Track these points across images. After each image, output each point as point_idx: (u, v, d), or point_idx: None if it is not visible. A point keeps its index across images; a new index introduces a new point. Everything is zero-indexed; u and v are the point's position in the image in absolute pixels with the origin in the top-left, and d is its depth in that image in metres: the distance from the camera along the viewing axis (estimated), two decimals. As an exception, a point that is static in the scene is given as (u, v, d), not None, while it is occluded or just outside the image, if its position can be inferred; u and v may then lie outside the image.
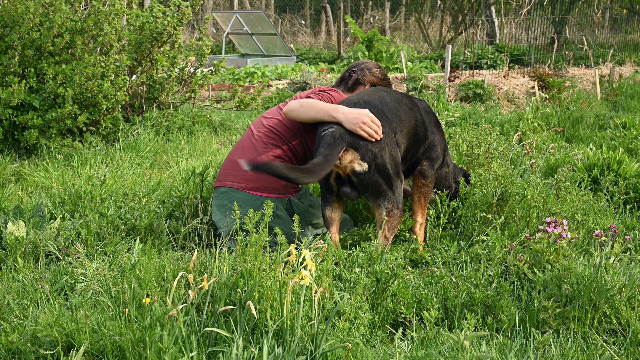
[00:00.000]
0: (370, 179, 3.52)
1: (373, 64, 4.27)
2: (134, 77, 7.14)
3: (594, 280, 2.90)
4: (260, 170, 3.26)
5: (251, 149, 3.85)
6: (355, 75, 4.18)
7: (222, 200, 3.85)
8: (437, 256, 3.66)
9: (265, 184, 3.76)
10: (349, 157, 3.48)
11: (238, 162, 3.81)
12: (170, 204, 4.20)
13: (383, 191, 3.57)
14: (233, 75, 12.81)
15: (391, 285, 3.02)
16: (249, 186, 3.77)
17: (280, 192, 3.81)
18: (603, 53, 15.42)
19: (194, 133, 7.06)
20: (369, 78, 4.18)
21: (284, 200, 3.82)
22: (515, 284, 3.22)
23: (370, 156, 3.49)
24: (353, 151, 3.48)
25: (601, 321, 2.94)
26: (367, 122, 3.45)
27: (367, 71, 4.20)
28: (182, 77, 7.62)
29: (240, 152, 3.89)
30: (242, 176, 3.79)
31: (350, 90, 4.17)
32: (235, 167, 3.84)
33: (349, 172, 3.50)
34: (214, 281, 2.75)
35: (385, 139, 3.56)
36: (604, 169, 5.05)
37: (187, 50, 7.66)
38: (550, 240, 3.23)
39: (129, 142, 6.27)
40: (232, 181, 3.83)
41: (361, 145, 3.48)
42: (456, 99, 9.56)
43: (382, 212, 3.58)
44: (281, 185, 3.80)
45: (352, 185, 3.55)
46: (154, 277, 3.01)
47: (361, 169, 3.50)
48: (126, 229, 3.91)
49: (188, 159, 6.02)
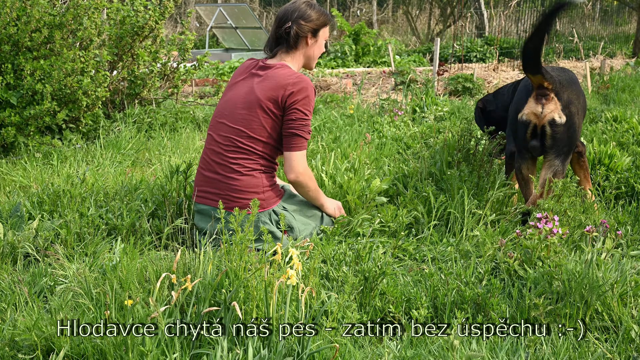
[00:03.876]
0: (562, 134, 3.90)
1: (304, 5, 3.96)
2: (115, 72, 7.11)
3: (585, 277, 2.91)
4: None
5: (221, 165, 3.79)
6: (293, 32, 3.90)
7: (204, 217, 3.84)
8: (426, 253, 3.66)
9: (247, 202, 3.71)
10: (551, 106, 3.81)
11: (212, 179, 3.80)
12: (153, 202, 4.18)
13: (563, 153, 3.96)
14: (217, 70, 12.77)
15: (380, 283, 3.01)
16: (230, 206, 3.67)
17: (264, 205, 3.77)
18: (594, 45, 15.48)
19: (177, 130, 7.03)
20: (309, 27, 3.92)
21: (268, 212, 3.79)
22: (505, 281, 3.23)
23: (568, 112, 3.90)
24: (557, 100, 3.83)
25: (593, 318, 2.95)
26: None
27: (302, 21, 3.91)
28: (165, 72, 7.59)
29: (210, 166, 3.83)
30: (220, 195, 3.74)
31: (294, 49, 3.95)
32: (211, 184, 3.80)
33: (546, 122, 3.87)
34: (198, 282, 2.74)
35: (579, 108, 3.94)
36: (595, 163, 5.07)
37: (169, 44, 7.63)
38: (541, 237, 3.24)
39: (110, 140, 6.24)
40: (210, 199, 3.79)
41: (563, 97, 3.89)
42: (445, 93, 9.57)
43: (550, 172, 3.97)
44: (262, 199, 3.77)
45: (541, 140, 3.93)
46: (136, 278, 3.00)
47: (560, 120, 3.87)
48: (107, 228, 3.89)
49: (171, 156, 6.00)
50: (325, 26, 4.02)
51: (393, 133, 6.62)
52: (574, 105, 3.95)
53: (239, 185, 3.73)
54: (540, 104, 3.89)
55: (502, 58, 13.56)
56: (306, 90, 3.81)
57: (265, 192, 3.77)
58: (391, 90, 10.08)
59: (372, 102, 8.57)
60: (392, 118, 7.22)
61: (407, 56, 15.24)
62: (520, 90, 4.16)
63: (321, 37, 4.02)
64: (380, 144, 6.14)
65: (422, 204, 4.22)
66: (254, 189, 3.74)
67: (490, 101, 5.00)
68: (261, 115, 3.78)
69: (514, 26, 15.63)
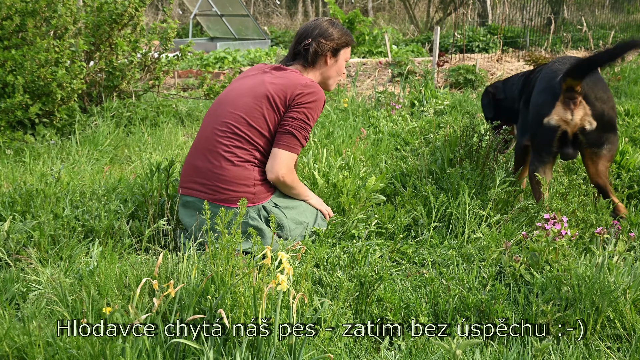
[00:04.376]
0: (598, 134, 3.96)
1: (327, 23, 4.07)
2: (92, 63, 7.09)
3: (596, 282, 2.91)
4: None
5: (213, 153, 3.80)
6: (312, 49, 4.02)
7: (190, 210, 3.83)
8: (426, 256, 3.67)
9: (235, 194, 3.72)
10: (580, 112, 3.87)
11: (201, 169, 3.80)
12: (133, 203, 4.17)
13: (610, 142, 4.02)
14: (201, 61, 12.76)
15: (376, 289, 3.01)
16: (218, 198, 3.72)
17: (253, 200, 3.77)
18: (604, 34, 15.52)
19: (158, 124, 7.02)
20: (329, 46, 4.03)
21: (257, 207, 3.79)
22: (511, 287, 3.23)
23: (598, 114, 3.94)
24: (585, 104, 3.89)
25: (604, 326, 2.95)
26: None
27: (322, 38, 4.02)
28: (145, 63, 7.57)
29: (200, 155, 3.84)
30: (208, 186, 3.75)
31: (312, 66, 4.06)
32: (199, 174, 3.81)
33: (578, 130, 3.94)
34: (182, 287, 2.73)
35: (607, 101, 3.97)
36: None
37: (150, 33, 7.62)
38: (549, 239, 3.24)
39: (87, 135, 6.22)
40: (198, 190, 3.79)
41: (591, 99, 3.93)
42: (445, 86, 9.58)
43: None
44: (252, 193, 3.77)
45: (574, 145, 4.02)
46: (114, 283, 2.99)
47: (591, 127, 3.92)
48: (84, 231, 3.88)
49: (152, 153, 5.99)
50: (347, 46, 4.13)
51: (390, 128, 6.63)
52: (603, 102, 3.97)
53: (228, 176, 3.73)
54: (569, 110, 3.91)
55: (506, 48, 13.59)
56: (316, 95, 3.87)
57: (255, 185, 3.77)
58: (388, 82, 10.09)
59: (367, 95, 8.58)
60: (389, 112, 7.23)
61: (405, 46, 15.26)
62: (544, 89, 4.13)
63: (342, 57, 4.13)
64: (376, 139, 6.14)
65: (421, 204, 4.22)
66: (244, 181, 3.74)
67: (499, 89, 5.02)
68: (265, 106, 3.82)
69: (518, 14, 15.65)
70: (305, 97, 3.84)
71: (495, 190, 4.05)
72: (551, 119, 3.93)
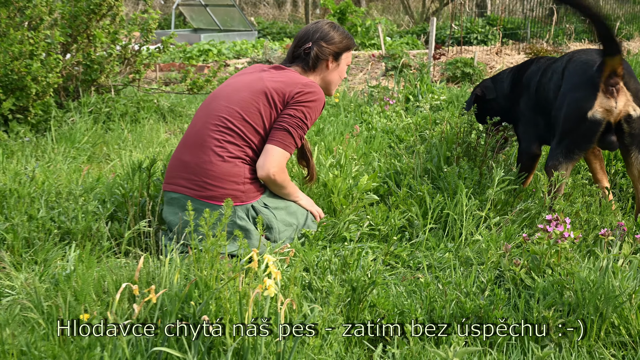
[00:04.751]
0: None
1: (328, 26, 4.11)
2: (68, 56, 7.07)
3: (600, 286, 2.91)
4: None
5: (203, 148, 3.80)
6: (313, 53, 4.06)
7: (174, 208, 3.82)
8: (422, 260, 3.67)
9: (224, 191, 3.72)
10: (623, 99, 3.82)
11: (188, 163, 3.79)
12: (112, 203, 4.17)
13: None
14: (184, 54, 12.75)
15: (369, 294, 3.01)
16: (205, 194, 3.72)
17: (242, 199, 3.77)
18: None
19: (139, 121, 7.01)
20: (330, 50, 4.08)
21: (246, 207, 3.78)
22: (511, 292, 3.24)
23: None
24: (626, 90, 3.88)
25: (609, 333, 2.96)
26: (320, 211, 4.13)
27: (323, 42, 4.06)
28: (125, 55, 7.55)
29: (189, 150, 3.84)
30: (195, 181, 3.75)
31: (312, 70, 4.09)
32: (186, 169, 3.80)
33: (622, 118, 3.88)
34: (164, 293, 2.73)
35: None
36: (610, 158, 5.08)
37: (130, 24, 7.60)
38: (551, 241, 3.25)
39: (63, 132, 6.21)
40: (184, 186, 3.78)
41: (631, 85, 3.89)
42: (442, 80, 9.59)
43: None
44: (242, 191, 3.76)
45: (618, 137, 3.97)
46: (92, 289, 2.98)
47: (635, 114, 3.90)
48: (60, 233, 3.87)
49: (132, 150, 5.98)
50: (349, 50, 4.19)
51: (384, 124, 6.63)
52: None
53: (217, 172, 3.72)
54: (613, 98, 3.87)
55: (506, 40, 13.61)
56: (316, 96, 3.91)
57: (245, 183, 3.76)
58: (381, 76, 10.09)
59: (359, 90, 8.58)
60: (382, 108, 7.23)
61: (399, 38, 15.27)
62: (579, 83, 4.04)
63: (343, 61, 4.19)
64: (369, 136, 6.14)
65: (416, 204, 4.22)
66: (233, 178, 3.73)
67: (490, 88, 4.95)
68: (262, 102, 3.84)
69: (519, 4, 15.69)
70: (305, 96, 3.86)
71: (494, 190, 4.06)
72: (596, 112, 3.88)
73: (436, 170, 4.69)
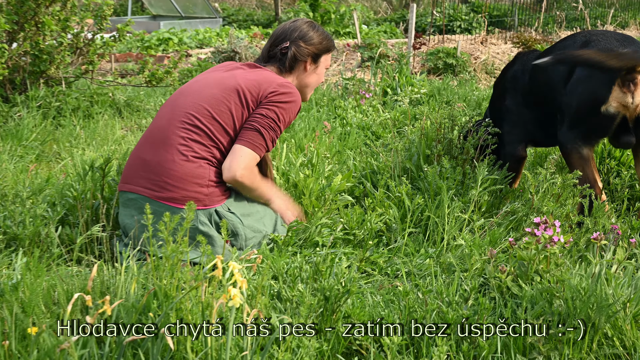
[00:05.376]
0: None
1: (307, 26, 4.14)
2: (15, 45, 7.02)
3: (592, 294, 2.93)
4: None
5: (166, 146, 3.79)
6: (291, 53, 4.07)
7: (130, 210, 3.80)
8: (400, 267, 3.68)
9: (185, 193, 3.71)
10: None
11: (149, 162, 3.78)
12: (63, 206, 4.14)
13: None
14: (142, 43, 12.70)
15: (343, 304, 3.02)
16: (164, 195, 3.70)
17: (205, 202, 3.76)
18: (602, 13, 15.69)
19: (92, 116, 6.98)
20: (309, 50, 4.10)
21: (209, 211, 3.77)
22: (496, 301, 3.25)
23: None
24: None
25: (602, 344, 2.98)
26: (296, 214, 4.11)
27: (301, 42, 4.09)
28: (77, 45, 7.52)
29: (151, 147, 3.82)
30: (154, 181, 3.73)
31: (288, 72, 4.11)
32: (146, 168, 3.78)
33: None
34: (120, 304, 2.72)
35: None
36: (604, 156, 5.11)
37: (82, 11, 7.56)
38: (540, 246, 3.26)
39: (9, 129, 6.17)
40: (142, 186, 3.76)
41: None
42: (423, 71, 9.62)
43: None
44: (205, 194, 3.75)
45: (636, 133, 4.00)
46: (41, 300, 2.96)
47: None
48: (5, 239, 3.85)
49: (85, 148, 5.95)
50: (329, 52, 4.23)
51: (359, 120, 6.65)
52: None
53: (179, 173, 3.71)
54: (629, 92, 3.87)
55: (492, 28, 13.68)
56: (292, 97, 3.92)
57: (209, 186, 3.76)
58: (357, 67, 10.11)
59: (333, 82, 8.60)
60: (358, 102, 7.25)
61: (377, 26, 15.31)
62: (592, 72, 4.03)
63: (322, 64, 4.22)
64: (343, 133, 6.15)
65: (395, 206, 4.23)
66: (196, 180, 3.72)
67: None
68: (234, 100, 3.84)
69: (505, -10, 15.77)
70: (279, 96, 3.87)
71: (478, 190, 4.08)
72: (609, 106, 3.89)
73: (416, 169, 4.70)
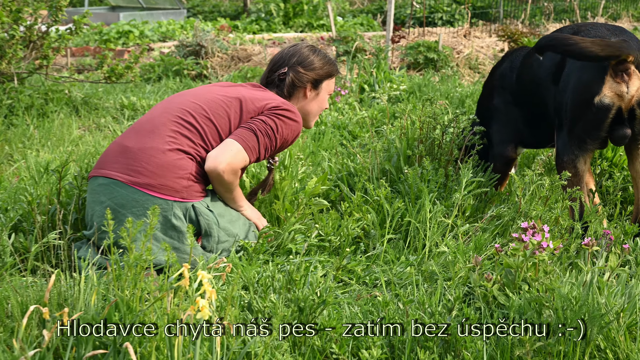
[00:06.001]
0: None
1: (307, 50, 4.18)
2: (-38, 38, 7.00)
3: (584, 304, 2.95)
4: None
5: (153, 135, 3.78)
6: (289, 79, 4.10)
7: (99, 196, 3.76)
8: (379, 275, 3.69)
9: (164, 181, 3.69)
10: (636, 83, 3.83)
11: (130, 148, 3.77)
12: (16, 212, 4.13)
13: None
14: (100, 36, 12.65)
15: (319, 316, 3.03)
16: (140, 181, 3.68)
17: (183, 194, 3.75)
18: (593, 4, 15.77)
19: (47, 114, 6.95)
20: (309, 77, 4.13)
21: (185, 205, 3.76)
22: (482, 311, 3.26)
23: None
24: (639, 73, 3.89)
25: (594, 357, 2.99)
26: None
27: (300, 68, 4.12)
28: (30, 38, 7.48)
29: (136, 135, 3.83)
30: (132, 167, 3.71)
31: (288, 98, 4.13)
32: (126, 154, 3.77)
33: (635, 103, 3.90)
34: (79, 316, 2.72)
35: None
36: (595, 157, 5.13)
37: (36, 1, 7.53)
38: (528, 252, 3.28)
39: (-43, 128, 6.14)
40: (117, 171, 3.73)
41: None
42: (402, 66, 9.65)
43: None
44: (184, 185, 3.74)
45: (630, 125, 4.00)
46: (-6, 312, 2.96)
47: None
48: (-46, 247, 3.83)
49: (40, 150, 5.93)
50: (331, 78, 4.24)
51: (334, 118, 6.66)
52: None
53: (160, 160, 3.70)
54: (624, 82, 3.89)
55: (476, 20, 13.73)
56: (295, 116, 3.98)
57: (189, 179, 3.75)
58: (332, 62, 10.10)
59: (306, 78, 8.59)
60: (333, 99, 7.26)
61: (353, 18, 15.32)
62: (584, 64, 4.07)
63: (324, 90, 4.23)
64: (317, 132, 6.16)
65: (373, 210, 4.24)
66: (177, 171, 3.72)
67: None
68: (234, 107, 3.88)
69: (490, -21, 15.82)
70: (282, 111, 3.92)
71: (462, 193, 4.09)
72: (603, 97, 3.90)
73: (395, 171, 4.71)
